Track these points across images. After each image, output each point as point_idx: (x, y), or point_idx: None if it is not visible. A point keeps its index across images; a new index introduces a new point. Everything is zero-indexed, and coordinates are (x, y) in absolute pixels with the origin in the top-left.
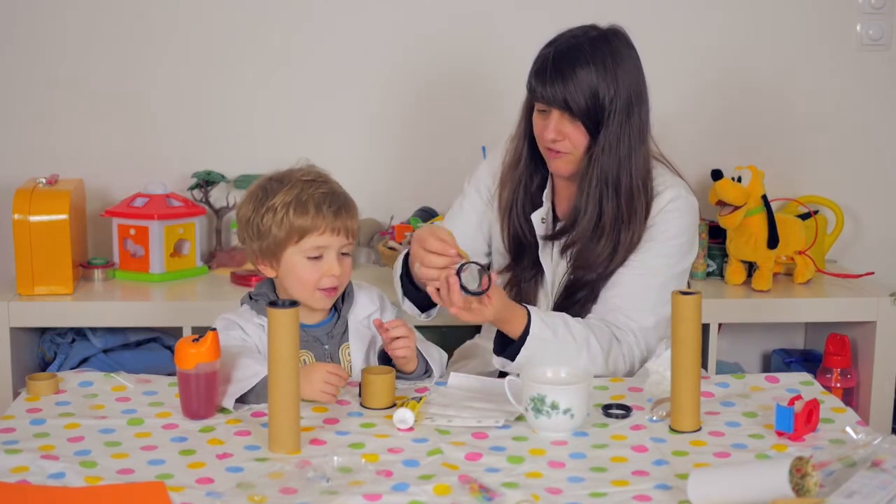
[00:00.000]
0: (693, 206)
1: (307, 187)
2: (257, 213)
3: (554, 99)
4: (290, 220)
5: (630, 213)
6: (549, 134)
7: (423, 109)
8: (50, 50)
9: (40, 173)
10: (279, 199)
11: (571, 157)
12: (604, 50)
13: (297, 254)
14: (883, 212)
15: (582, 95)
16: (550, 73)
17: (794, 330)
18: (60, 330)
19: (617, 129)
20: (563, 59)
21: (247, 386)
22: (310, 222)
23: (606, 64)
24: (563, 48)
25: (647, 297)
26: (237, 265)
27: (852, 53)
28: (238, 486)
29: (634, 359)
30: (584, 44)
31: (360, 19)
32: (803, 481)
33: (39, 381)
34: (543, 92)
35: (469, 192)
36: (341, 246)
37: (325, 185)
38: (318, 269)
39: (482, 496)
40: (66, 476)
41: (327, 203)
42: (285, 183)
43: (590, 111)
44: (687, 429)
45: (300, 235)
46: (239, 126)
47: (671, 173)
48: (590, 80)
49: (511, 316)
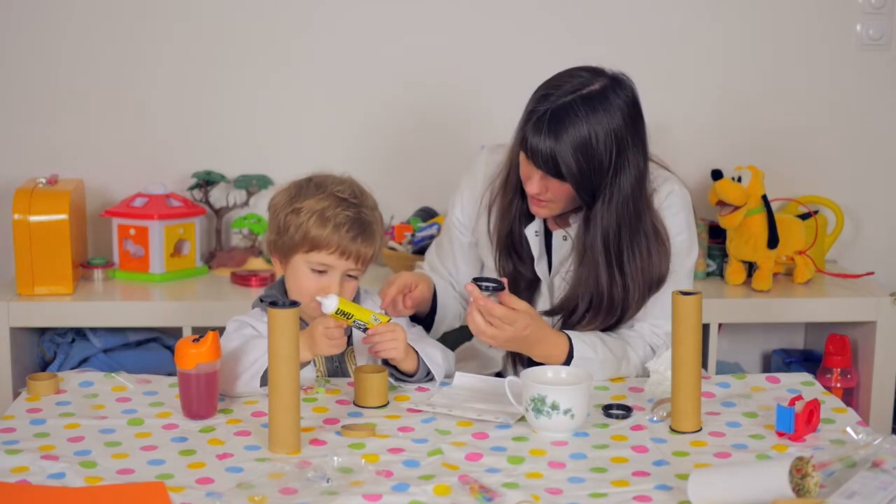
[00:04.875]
0: (686, 198)
1: (336, 205)
2: (286, 207)
3: (545, 164)
4: (307, 228)
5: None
6: (533, 188)
7: (424, 109)
8: (50, 50)
9: (40, 173)
10: (308, 204)
11: (555, 206)
12: (599, 109)
13: (304, 262)
14: (883, 212)
15: (574, 163)
16: (544, 134)
17: (794, 330)
18: (60, 330)
19: (614, 195)
20: (556, 121)
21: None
22: (324, 239)
23: (603, 126)
24: (557, 107)
25: (666, 302)
26: (237, 265)
27: (852, 53)
28: (238, 487)
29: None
30: (579, 103)
31: (361, 19)
32: (804, 482)
33: (40, 381)
34: (536, 155)
35: (452, 229)
36: (348, 269)
37: (354, 208)
38: (318, 282)
39: (482, 496)
40: (66, 476)
41: (347, 226)
42: (321, 190)
43: (582, 177)
44: (687, 429)
45: (311, 247)
46: (239, 126)
47: (659, 167)
48: (582, 146)
49: (543, 337)
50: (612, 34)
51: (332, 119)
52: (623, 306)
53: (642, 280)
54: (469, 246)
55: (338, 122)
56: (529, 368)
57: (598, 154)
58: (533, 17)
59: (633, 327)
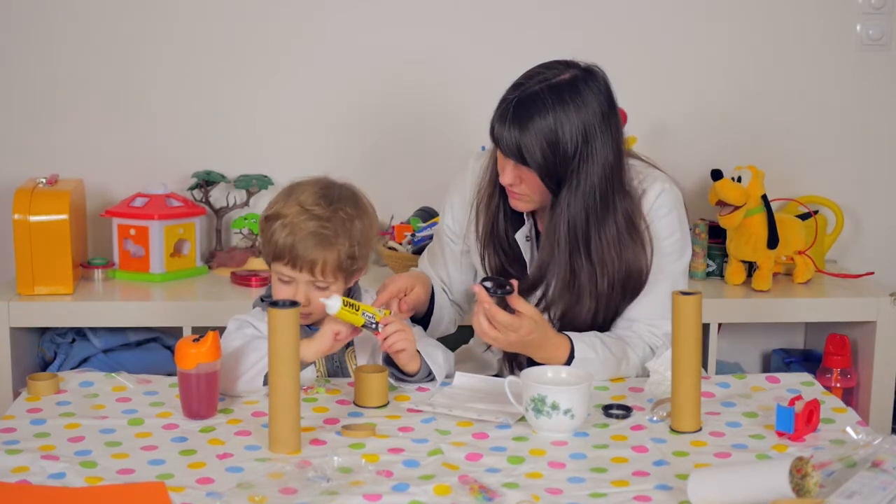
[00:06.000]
0: (678, 196)
1: (298, 215)
2: (265, 211)
3: (510, 151)
4: (268, 237)
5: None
6: (506, 179)
7: (425, 109)
8: (50, 50)
9: (40, 173)
10: (273, 212)
11: (529, 199)
12: (567, 99)
13: (274, 272)
14: (883, 212)
15: (539, 150)
16: (509, 122)
17: (794, 330)
18: (60, 330)
19: (580, 183)
20: (522, 109)
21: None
22: (279, 250)
23: (569, 115)
24: (525, 96)
25: (663, 302)
26: (237, 265)
27: (852, 53)
28: (238, 487)
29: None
30: (546, 92)
31: (361, 19)
32: (804, 482)
33: (40, 381)
34: (500, 142)
35: (443, 237)
36: (308, 281)
37: (315, 220)
38: (286, 293)
39: (482, 496)
40: (67, 476)
41: (303, 236)
42: (289, 198)
43: (547, 165)
44: (687, 429)
45: (273, 257)
46: (239, 126)
47: (648, 167)
48: (547, 134)
49: (545, 341)
50: (612, 34)
51: (333, 119)
52: (595, 294)
53: (611, 269)
54: (461, 254)
55: (338, 122)
56: (529, 368)
57: (564, 143)
58: (533, 16)
59: (631, 328)
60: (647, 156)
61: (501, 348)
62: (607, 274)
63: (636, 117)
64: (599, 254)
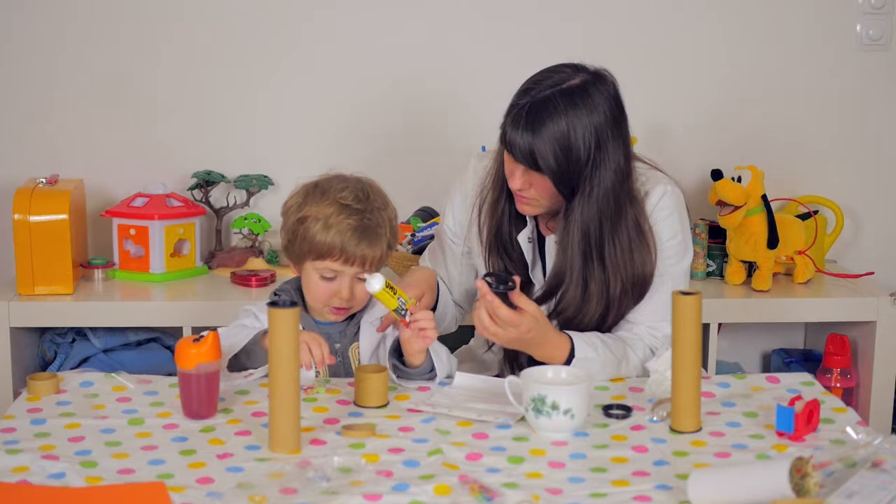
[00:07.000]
0: (679, 198)
1: (339, 212)
2: (294, 215)
3: (523, 157)
4: (312, 237)
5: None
6: (515, 184)
7: (425, 109)
8: (50, 49)
9: (40, 173)
10: (312, 212)
11: (538, 203)
12: (579, 103)
13: (314, 269)
14: (883, 212)
15: (552, 155)
16: (522, 127)
17: (794, 330)
18: (60, 330)
19: (594, 189)
20: (535, 114)
21: (238, 345)
22: (328, 247)
23: (581, 120)
24: (536, 101)
25: (663, 304)
26: (237, 265)
27: (852, 53)
28: (238, 486)
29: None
30: (558, 97)
31: (361, 20)
32: (803, 482)
33: (40, 381)
34: (513, 147)
35: (445, 237)
36: (355, 273)
37: (356, 214)
38: (330, 288)
39: (482, 496)
40: (67, 476)
41: (350, 233)
42: (326, 197)
43: (560, 171)
44: (687, 429)
45: (317, 255)
46: (239, 126)
47: (650, 168)
48: (560, 139)
49: (545, 339)
50: (612, 34)
51: (333, 119)
52: (606, 301)
53: (624, 274)
54: (462, 255)
55: (338, 122)
56: (529, 368)
57: (577, 148)
58: (534, 16)
59: (632, 330)
60: (649, 157)
61: (501, 344)
62: (620, 279)
63: (636, 117)
64: (613, 259)
